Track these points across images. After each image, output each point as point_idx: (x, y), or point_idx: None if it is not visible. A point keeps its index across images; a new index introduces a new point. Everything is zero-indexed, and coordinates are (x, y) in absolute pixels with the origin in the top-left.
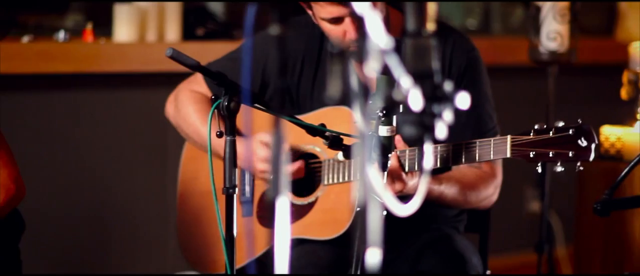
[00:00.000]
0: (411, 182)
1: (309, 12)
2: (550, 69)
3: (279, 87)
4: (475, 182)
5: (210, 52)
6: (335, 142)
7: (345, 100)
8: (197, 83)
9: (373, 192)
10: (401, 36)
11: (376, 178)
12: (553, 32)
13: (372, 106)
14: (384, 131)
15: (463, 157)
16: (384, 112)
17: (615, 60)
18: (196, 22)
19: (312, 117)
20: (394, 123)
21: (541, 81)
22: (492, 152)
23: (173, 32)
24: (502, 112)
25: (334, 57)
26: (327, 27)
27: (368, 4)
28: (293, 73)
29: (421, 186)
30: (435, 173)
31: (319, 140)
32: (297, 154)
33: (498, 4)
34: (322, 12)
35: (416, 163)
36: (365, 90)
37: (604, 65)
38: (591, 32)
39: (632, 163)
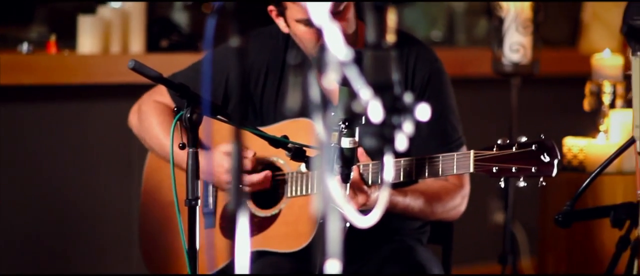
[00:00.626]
0: (374, 194)
1: (278, 20)
2: (513, 80)
3: (242, 98)
4: (441, 193)
5: (174, 63)
6: (298, 153)
7: (307, 111)
8: (161, 94)
9: (334, 203)
10: (365, 47)
11: (337, 190)
12: (516, 44)
13: (334, 117)
14: (346, 143)
15: (426, 171)
16: (346, 123)
17: (578, 71)
18: (160, 34)
19: (275, 129)
20: (356, 135)
21: (505, 92)
22: (455, 167)
23: (137, 43)
24: (466, 124)
25: (294, 69)
26: (301, 31)
27: (328, 15)
28: (256, 85)
29: (381, 198)
30: (400, 186)
31: (282, 152)
32: (263, 165)
33: (462, 15)
34: (300, 13)
35: (379, 177)
36: (326, 102)
37: (568, 77)
38: (555, 44)
39: (593, 175)
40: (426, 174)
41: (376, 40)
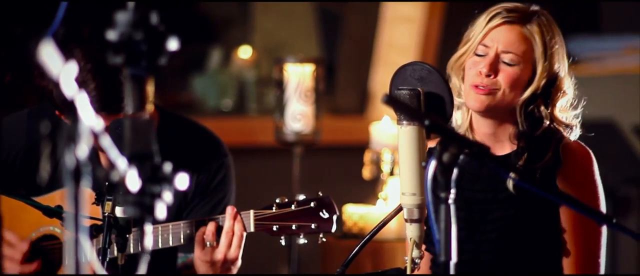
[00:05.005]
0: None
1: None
2: (295, 149)
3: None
4: None
5: None
6: None
7: (62, 181)
8: None
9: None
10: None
11: (92, 257)
12: (297, 113)
13: (109, 187)
14: (120, 212)
15: None
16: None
17: (364, 140)
18: None
19: (53, 198)
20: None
21: (288, 161)
22: None
23: None
24: (250, 193)
25: (46, 138)
26: None
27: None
28: (40, 158)
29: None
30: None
31: (57, 221)
32: (39, 236)
33: (252, 84)
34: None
35: (161, 241)
36: (81, 172)
37: (353, 145)
38: (345, 112)
39: (363, 242)
40: None
41: (136, 109)
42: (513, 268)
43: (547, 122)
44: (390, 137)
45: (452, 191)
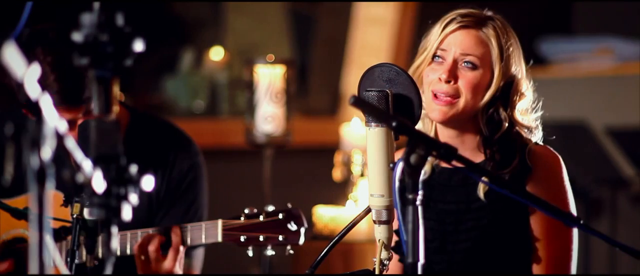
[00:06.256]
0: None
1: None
2: (266, 151)
3: None
4: None
5: None
6: None
7: (26, 184)
8: None
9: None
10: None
11: (58, 260)
12: (268, 115)
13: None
14: (88, 213)
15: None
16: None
17: (337, 141)
18: None
19: (22, 201)
20: None
21: (258, 163)
22: (203, 236)
23: None
24: (221, 195)
25: (10, 140)
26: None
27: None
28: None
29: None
30: None
31: (26, 223)
32: (9, 239)
33: (225, 86)
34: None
35: (129, 247)
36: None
37: (325, 146)
38: (318, 113)
39: (331, 244)
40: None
41: (102, 111)
42: None
43: (506, 125)
44: (361, 138)
45: (420, 192)
